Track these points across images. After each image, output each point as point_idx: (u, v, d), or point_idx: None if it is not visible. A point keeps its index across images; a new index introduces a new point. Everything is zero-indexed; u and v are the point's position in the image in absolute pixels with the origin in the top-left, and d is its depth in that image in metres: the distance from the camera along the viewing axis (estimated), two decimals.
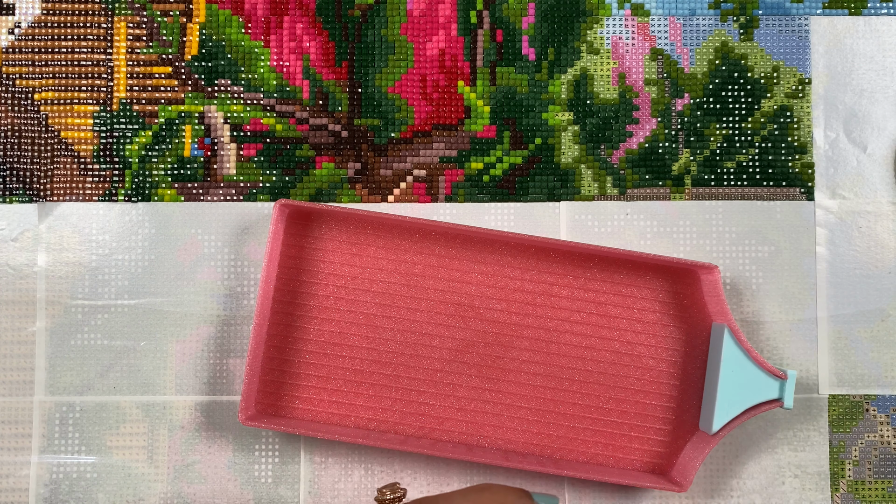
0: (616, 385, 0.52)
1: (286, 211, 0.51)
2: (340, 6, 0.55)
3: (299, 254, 0.52)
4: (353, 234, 0.53)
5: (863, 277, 0.54)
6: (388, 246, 0.53)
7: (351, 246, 0.53)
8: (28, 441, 0.52)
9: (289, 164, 0.54)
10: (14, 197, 0.54)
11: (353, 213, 0.51)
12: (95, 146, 0.54)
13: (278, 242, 0.51)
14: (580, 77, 0.55)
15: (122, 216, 0.54)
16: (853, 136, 0.55)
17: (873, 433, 0.53)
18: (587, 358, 0.52)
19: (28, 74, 0.54)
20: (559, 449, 0.52)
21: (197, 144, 0.54)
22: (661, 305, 0.53)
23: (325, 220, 0.53)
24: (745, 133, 0.54)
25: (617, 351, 0.53)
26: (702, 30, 0.55)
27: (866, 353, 0.53)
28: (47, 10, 0.55)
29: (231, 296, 0.53)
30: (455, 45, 0.55)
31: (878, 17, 0.55)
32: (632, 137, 0.54)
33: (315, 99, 0.54)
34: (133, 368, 0.53)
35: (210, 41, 0.55)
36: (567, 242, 0.51)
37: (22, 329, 0.53)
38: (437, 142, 0.54)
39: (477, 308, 0.53)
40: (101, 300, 0.53)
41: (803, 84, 0.55)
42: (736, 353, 0.49)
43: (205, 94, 0.54)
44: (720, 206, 0.54)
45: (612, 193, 0.54)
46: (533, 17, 0.55)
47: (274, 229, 0.50)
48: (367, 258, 0.53)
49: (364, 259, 0.53)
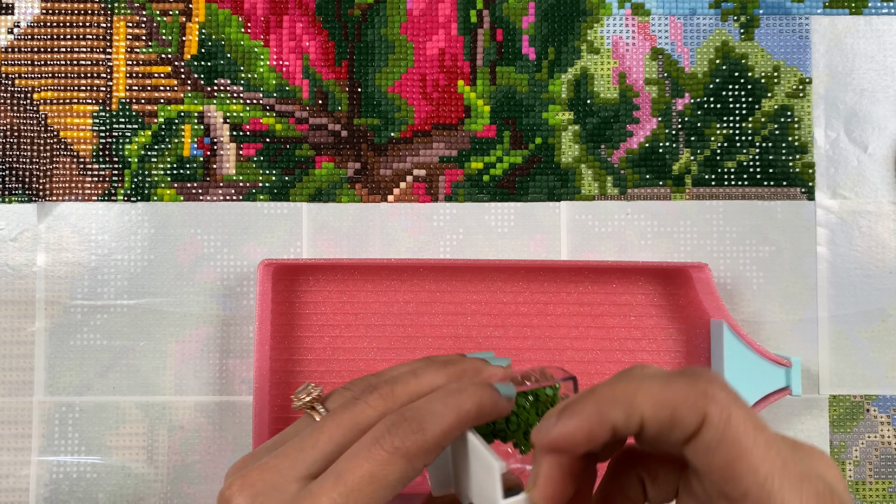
0: None
1: (270, 269, 0.50)
2: (340, 6, 0.55)
3: (290, 310, 0.52)
4: (342, 283, 0.52)
5: (863, 277, 0.54)
6: (377, 289, 0.52)
7: (341, 294, 0.52)
8: (28, 441, 0.52)
9: (288, 163, 0.54)
10: (13, 197, 0.54)
11: (338, 263, 0.51)
12: (95, 146, 0.54)
13: (267, 301, 0.50)
14: (580, 77, 0.55)
15: (122, 216, 0.53)
16: (854, 136, 0.55)
17: (874, 433, 0.53)
18: (591, 372, 0.52)
19: (27, 74, 0.54)
20: None
21: (196, 144, 0.54)
22: (657, 309, 0.53)
23: (311, 272, 0.52)
24: (745, 133, 0.54)
25: (620, 360, 0.52)
26: (702, 29, 0.55)
27: (867, 353, 0.53)
28: (46, 10, 0.54)
29: (231, 296, 0.53)
30: (455, 45, 0.55)
31: (878, 16, 0.55)
32: (632, 137, 0.54)
33: (315, 98, 0.54)
34: (133, 368, 0.53)
35: (209, 41, 0.54)
36: (555, 262, 0.51)
37: (21, 329, 0.53)
38: (437, 141, 0.54)
39: (475, 338, 0.52)
40: (101, 300, 0.53)
41: (804, 84, 0.55)
42: (738, 347, 0.49)
43: (204, 93, 0.54)
44: (720, 205, 0.54)
45: (612, 193, 0.54)
46: (533, 16, 0.55)
47: (261, 290, 0.49)
48: (358, 304, 0.52)
49: (356, 306, 0.52)
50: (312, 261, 0.51)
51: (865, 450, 0.53)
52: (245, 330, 0.53)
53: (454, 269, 0.52)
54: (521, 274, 0.53)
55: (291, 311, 0.52)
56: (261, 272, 0.49)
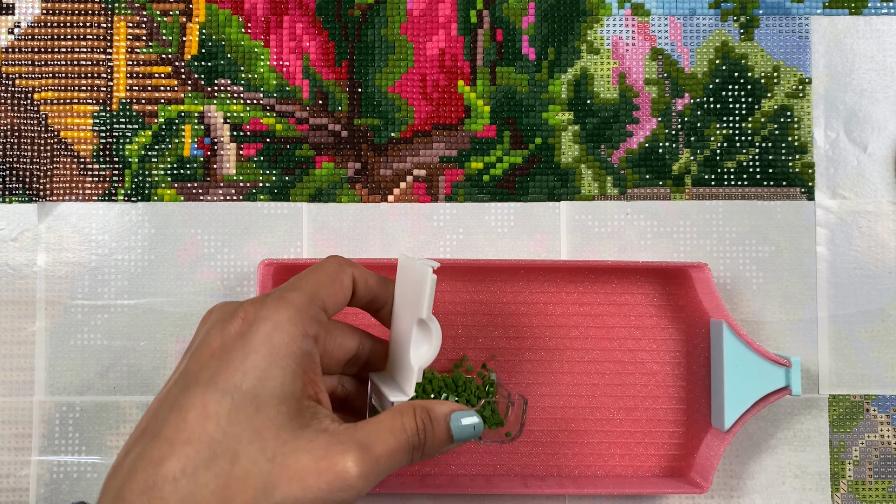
0: (624, 395, 0.52)
1: (271, 269, 0.50)
2: (340, 6, 0.55)
3: None
4: None
5: (863, 277, 0.54)
6: None
7: None
8: (28, 441, 0.52)
9: (289, 163, 0.54)
10: (14, 197, 0.54)
11: None
12: (95, 146, 0.54)
13: None
14: (580, 77, 0.55)
15: (122, 216, 0.54)
16: (853, 136, 0.55)
17: (874, 433, 0.53)
18: (591, 372, 0.52)
19: (28, 74, 0.54)
20: (576, 466, 0.52)
21: (196, 144, 0.54)
22: (657, 309, 0.53)
23: None
24: (745, 133, 0.54)
25: (620, 360, 0.52)
26: (702, 29, 0.55)
27: (867, 353, 0.53)
28: (47, 10, 0.55)
29: (231, 296, 0.53)
30: (455, 45, 0.55)
31: (878, 16, 0.55)
32: (632, 137, 0.54)
33: (315, 99, 0.54)
34: (133, 368, 0.53)
35: (210, 41, 0.54)
36: (555, 262, 0.51)
37: (22, 329, 0.53)
38: (437, 142, 0.54)
39: (475, 338, 0.52)
40: (101, 300, 0.53)
41: (803, 84, 0.55)
42: (738, 347, 0.49)
43: (204, 93, 0.54)
44: (720, 206, 0.54)
45: (612, 193, 0.54)
46: (533, 16, 0.55)
47: (261, 290, 0.49)
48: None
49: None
50: (312, 261, 0.51)
51: (865, 450, 0.53)
52: None
53: (454, 269, 0.52)
54: (521, 274, 0.53)
55: None
56: (261, 272, 0.49)
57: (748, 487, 0.53)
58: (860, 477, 0.53)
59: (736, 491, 0.53)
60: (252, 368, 0.35)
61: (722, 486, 0.52)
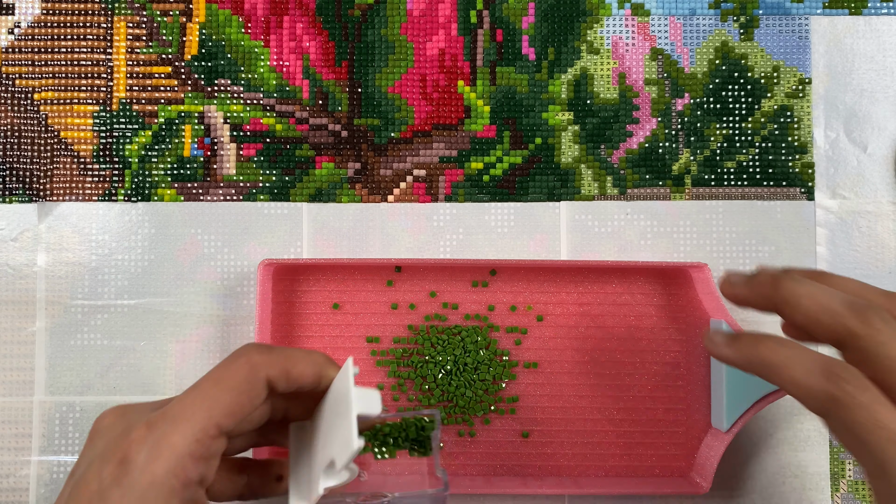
0: (624, 395, 0.52)
1: (271, 269, 0.50)
2: (340, 6, 0.55)
3: (290, 310, 0.52)
4: (342, 283, 0.52)
5: (863, 277, 0.54)
6: (377, 289, 0.52)
7: (341, 294, 0.52)
8: (28, 441, 0.52)
9: (289, 163, 0.54)
10: (14, 197, 0.54)
11: (338, 263, 0.51)
12: (95, 146, 0.54)
13: (268, 301, 0.50)
14: (580, 77, 0.55)
15: (122, 216, 0.54)
16: (853, 136, 0.55)
17: None
18: (591, 372, 0.52)
19: (28, 74, 0.54)
20: (576, 467, 0.52)
21: (196, 144, 0.54)
22: (656, 309, 0.53)
23: (311, 272, 0.52)
24: (745, 133, 0.54)
25: (620, 360, 0.52)
26: (702, 29, 0.55)
27: None
28: (47, 10, 0.55)
29: (231, 296, 0.53)
30: (455, 45, 0.55)
31: (878, 16, 0.55)
32: (632, 137, 0.54)
33: (315, 99, 0.54)
34: (133, 368, 0.53)
35: (210, 41, 0.55)
36: (555, 262, 0.51)
37: (21, 329, 0.53)
38: (437, 142, 0.54)
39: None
40: (101, 300, 0.53)
41: (803, 84, 0.55)
42: None
43: (204, 93, 0.54)
44: (720, 206, 0.54)
45: (612, 193, 0.54)
46: (533, 16, 0.55)
47: (261, 290, 0.49)
48: (358, 304, 0.52)
49: (356, 305, 0.52)
50: (312, 261, 0.51)
51: None
52: (245, 330, 0.53)
53: (454, 269, 0.52)
54: (521, 274, 0.53)
55: (291, 311, 0.52)
56: (261, 272, 0.49)
57: (748, 487, 0.53)
58: (860, 477, 0.53)
59: (736, 491, 0.53)
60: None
61: (722, 486, 0.52)
